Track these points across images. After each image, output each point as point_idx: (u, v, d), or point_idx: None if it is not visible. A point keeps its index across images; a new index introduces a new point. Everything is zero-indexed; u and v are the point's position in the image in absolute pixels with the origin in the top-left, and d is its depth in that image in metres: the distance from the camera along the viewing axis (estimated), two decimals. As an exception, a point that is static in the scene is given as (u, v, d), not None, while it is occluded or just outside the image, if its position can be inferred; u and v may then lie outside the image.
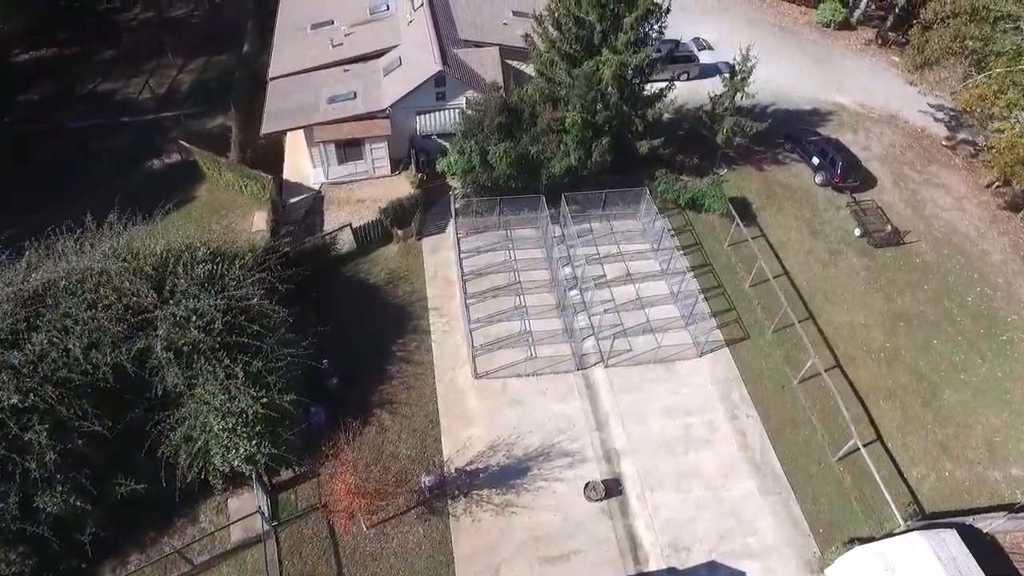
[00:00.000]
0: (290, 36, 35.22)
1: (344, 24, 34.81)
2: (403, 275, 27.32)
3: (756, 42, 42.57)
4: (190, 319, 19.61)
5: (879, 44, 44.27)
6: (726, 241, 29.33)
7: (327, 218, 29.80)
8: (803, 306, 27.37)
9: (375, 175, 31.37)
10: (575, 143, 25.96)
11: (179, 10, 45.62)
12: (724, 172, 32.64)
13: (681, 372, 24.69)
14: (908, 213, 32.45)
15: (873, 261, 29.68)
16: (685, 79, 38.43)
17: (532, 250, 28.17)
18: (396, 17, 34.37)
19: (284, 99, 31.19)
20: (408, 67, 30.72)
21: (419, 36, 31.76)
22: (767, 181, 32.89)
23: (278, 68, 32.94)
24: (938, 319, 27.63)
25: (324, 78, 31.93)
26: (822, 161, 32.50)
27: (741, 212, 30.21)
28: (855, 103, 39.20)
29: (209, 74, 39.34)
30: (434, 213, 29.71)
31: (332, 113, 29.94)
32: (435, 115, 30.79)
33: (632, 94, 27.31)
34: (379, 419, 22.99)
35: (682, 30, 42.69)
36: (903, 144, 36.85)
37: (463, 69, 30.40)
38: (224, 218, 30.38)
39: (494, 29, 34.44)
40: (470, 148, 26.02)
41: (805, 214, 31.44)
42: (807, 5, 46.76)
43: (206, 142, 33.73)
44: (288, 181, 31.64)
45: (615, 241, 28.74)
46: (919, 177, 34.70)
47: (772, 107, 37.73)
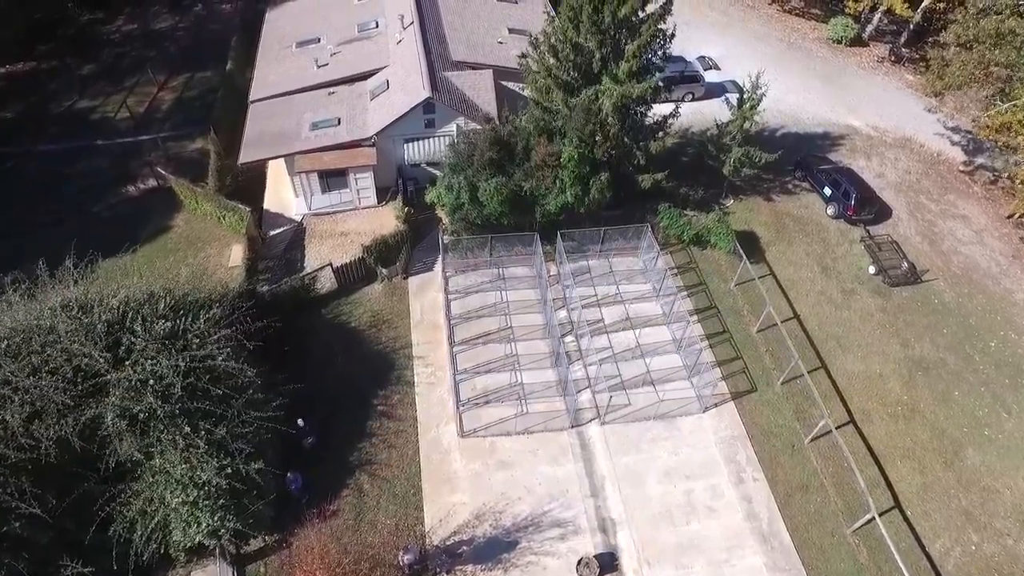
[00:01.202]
0: (274, 54, 33.52)
1: (331, 42, 33.09)
2: (387, 318, 25.58)
3: (764, 59, 41.56)
4: (147, 383, 17.91)
5: (892, 61, 42.41)
6: (732, 280, 27.54)
7: (308, 253, 28.07)
8: (814, 353, 25.59)
9: (360, 206, 29.62)
10: (571, 179, 24.20)
11: (164, 22, 43.85)
12: (730, 203, 30.85)
13: (683, 429, 22.94)
14: (925, 247, 30.62)
15: (888, 302, 27.87)
16: (690, 99, 36.69)
17: (525, 291, 26.42)
18: (385, 35, 32.62)
19: (264, 124, 29.48)
20: (395, 91, 28.97)
21: (408, 57, 30.01)
22: (776, 212, 31.08)
23: (260, 90, 31.26)
24: (959, 367, 25.82)
25: (308, 101, 30.20)
26: (834, 192, 30.68)
27: (749, 247, 28.48)
28: (868, 126, 37.35)
29: (192, 91, 37.57)
30: (422, 248, 27.98)
31: (314, 141, 28.21)
32: (424, 143, 29.04)
33: (634, 124, 25.51)
34: (357, 482, 21.27)
35: (687, 46, 40.94)
36: (919, 170, 35.00)
37: (454, 94, 28.64)
38: (200, 251, 28.67)
39: (489, 48, 32.68)
40: (458, 184, 24.27)
41: (816, 249, 29.63)
42: (817, 20, 44.93)
43: (185, 167, 32.10)
44: (269, 211, 29.91)
45: (614, 281, 26.96)
46: (936, 207, 32.86)
47: (781, 130, 35.96)
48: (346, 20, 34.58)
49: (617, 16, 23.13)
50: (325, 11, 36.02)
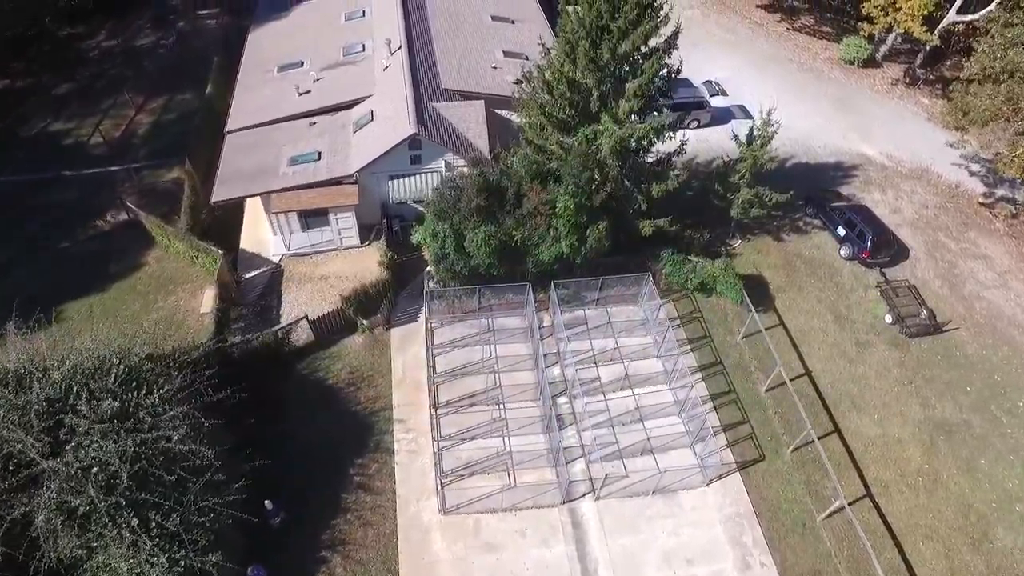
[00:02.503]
0: (254, 79, 31.64)
1: (315, 66, 31.20)
2: (367, 375, 23.74)
3: (773, 81, 39.58)
4: (90, 471, 16.13)
5: (907, 83, 40.40)
6: (739, 332, 25.65)
7: (285, 299, 26.22)
8: (827, 416, 23.70)
9: (342, 246, 27.74)
10: (567, 229, 22.31)
11: (146, 38, 42.00)
12: (738, 243, 28.94)
13: (684, 505, 21.07)
14: (945, 292, 28.67)
15: (907, 355, 25.96)
16: (695, 127, 34.76)
17: (517, 344, 24.55)
18: (372, 60, 30.74)
19: (241, 158, 27.62)
20: (380, 124, 27.09)
21: (394, 86, 28.12)
22: (786, 254, 29.14)
23: (237, 119, 29.38)
24: (985, 430, 23.91)
25: (287, 133, 28.33)
26: (848, 233, 28.73)
27: (757, 294, 26.60)
28: (882, 155, 35.37)
29: (170, 115, 35.70)
30: (407, 295, 26.12)
31: (292, 178, 26.35)
32: (410, 180, 27.17)
33: (635, 165, 23.59)
34: (329, 566, 19.46)
35: (693, 67, 38.93)
36: (936, 204, 33.03)
37: (442, 128, 26.75)
38: (171, 294, 26.85)
39: (482, 74, 30.78)
40: (443, 232, 22.39)
41: (829, 295, 27.70)
42: (828, 39, 42.91)
43: (160, 199, 30.30)
44: (245, 251, 28.05)
45: (612, 333, 25.08)
46: (956, 246, 30.89)
47: (791, 160, 34.02)
48: (332, 42, 32.71)
49: (617, 53, 21.23)
50: (310, 31, 34.15)
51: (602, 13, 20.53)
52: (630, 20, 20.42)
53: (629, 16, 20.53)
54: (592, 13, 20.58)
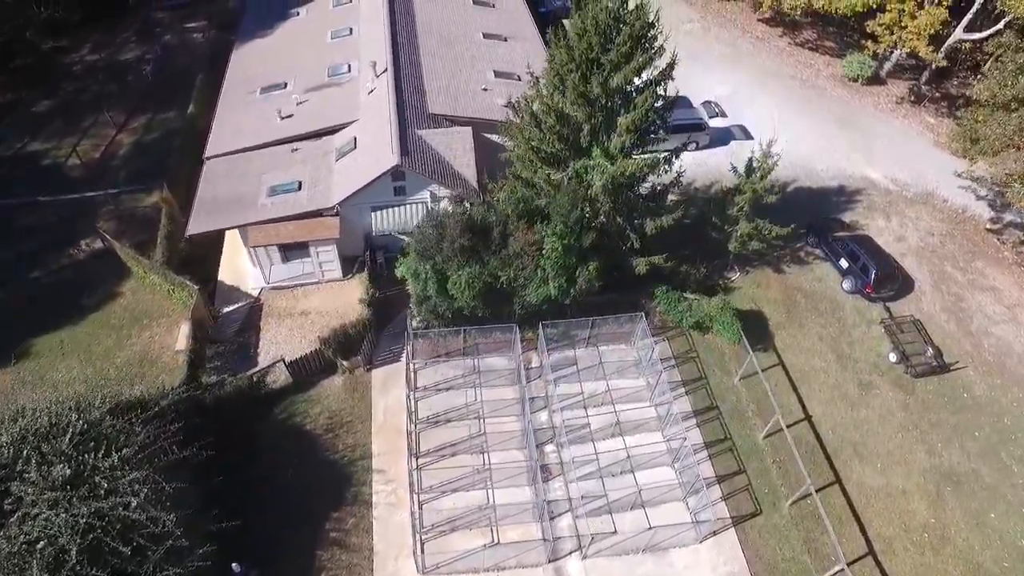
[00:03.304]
0: (236, 101, 30.57)
1: (298, 88, 30.14)
2: (346, 420, 22.68)
3: (775, 99, 38.41)
4: (35, 546, 15.10)
5: (912, 101, 39.21)
6: (737, 373, 24.55)
7: (263, 336, 25.16)
8: (827, 464, 22.60)
9: (324, 279, 26.68)
10: (555, 270, 21.24)
11: (131, 52, 40.90)
12: (736, 276, 27.82)
13: (676, 564, 19.97)
14: (952, 327, 27.54)
15: (912, 397, 24.85)
16: (693, 148, 33.61)
17: (503, 387, 23.47)
18: (357, 82, 29.66)
19: (219, 186, 26.58)
20: (363, 153, 26.02)
21: (379, 112, 27.03)
22: (786, 287, 28.02)
23: (217, 144, 28.34)
24: (995, 480, 22.80)
25: (268, 160, 27.28)
26: (851, 266, 27.60)
27: (756, 332, 25.53)
28: (887, 178, 34.22)
29: (153, 134, 34.61)
30: (390, 332, 25.05)
31: (271, 209, 25.28)
32: (393, 211, 26.10)
33: (628, 201, 22.47)
34: (300, 632, 18.50)
35: (692, 83, 37.89)
36: (943, 232, 31.87)
37: (427, 158, 25.66)
38: (146, 328, 25.80)
39: (471, 96, 29.67)
40: (425, 273, 21.31)
41: (831, 332, 26.58)
42: (831, 54, 41.72)
43: (139, 225, 29.29)
44: (223, 283, 26.99)
45: (603, 375, 24.00)
46: (963, 277, 29.75)
47: (793, 184, 32.88)
48: (317, 61, 31.64)
49: (608, 87, 20.11)
50: (295, 49, 33.08)
51: (592, 46, 19.42)
52: (622, 53, 19.30)
53: (621, 49, 19.42)
54: (582, 45, 19.47)
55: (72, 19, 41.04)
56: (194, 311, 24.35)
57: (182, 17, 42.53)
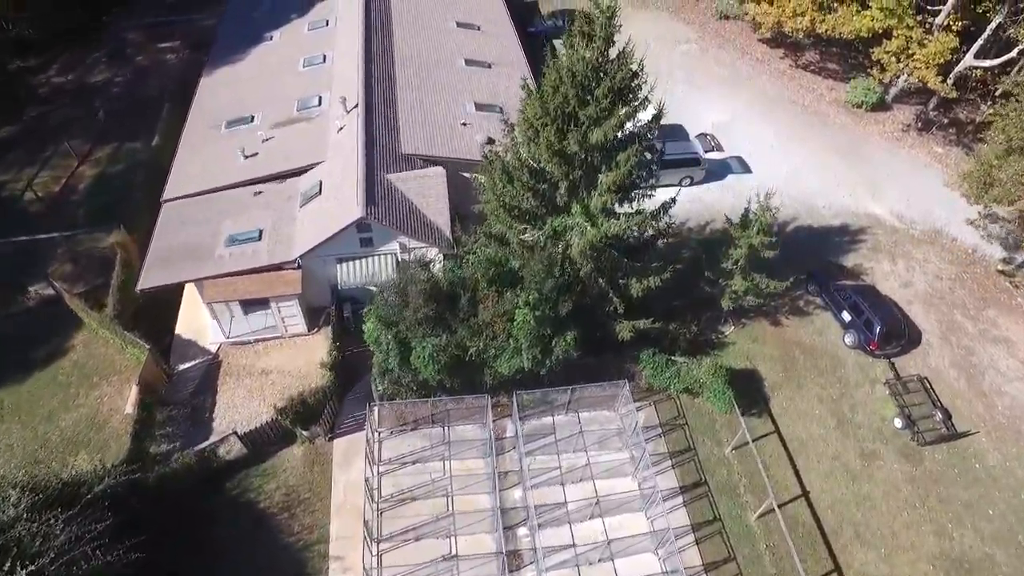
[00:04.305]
0: (200, 136, 28.75)
1: (266, 122, 28.33)
2: (304, 498, 20.90)
3: (775, 126, 36.43)
4: None
5: (919, 129, 37.20)
6: (729, 443, 22.70)
7: (220, 398, 23.36)
8: (826, 549, 20.76)
9: (287, 333, 24.91)
10: (528, 340, 19.42)
11: (100, 74, 39.10)
12: (730, 331, 25.96)
13: (660, 670, 18.25)
14: (961, 385, 25.65)
15: (918, 468, 22.98)
16: (688, 184, 31.75)
17: (474, 459, 21.67)
18: (327, 117, 27.83)
19: (176, 233, 24.79)
20: (328, 199, 24.19)
21: (347, 154, 25.21)
22: (784, 342, 26.14)
23: (176, 185, 26.55)
24: (1013, 568, 20.89)
25: (229, 204, 25.48)
26: (854, 319, 25.70)
27: (750, 394, 23.78)
28: (892, 215, 32.29)
29: (117, 166, 32.77)
30: (356, 395, 23.23)
31: (229, 261, 23.47)
32: (361, 263, 24.21)
33: (611, 260, 20.57)
34: None
35: (689, 111, 36.13)
36: (952, 275, 29.95)
37: (396, 206, 23.80)
38: (96, 387, 24.06)
39: (449, 132, 27.82)
40: (387, 343, 19.51)
41: (831, 393, 24.72)
42: (835, 78, 39.73)
43: (96, 268, 27.44)
44: (180, 337, 25.21)
45: (583, 446, 22.17)
46: (974, 327, 27.83)
47: (793, 224, 30.96)
48: (287, 92, 29.80)
49: (587, 142, 18.24)
50: (266, 78, 31.22)
51: (568, 99, 17.55)
52: (602, 108, 17.42)
53: (601, 103, 17.54)
54: (556, 99, 17.61)
55: (42, 37, 39.39)
56: (144, 372, 22.64)
57: (156, 37, 40.67)
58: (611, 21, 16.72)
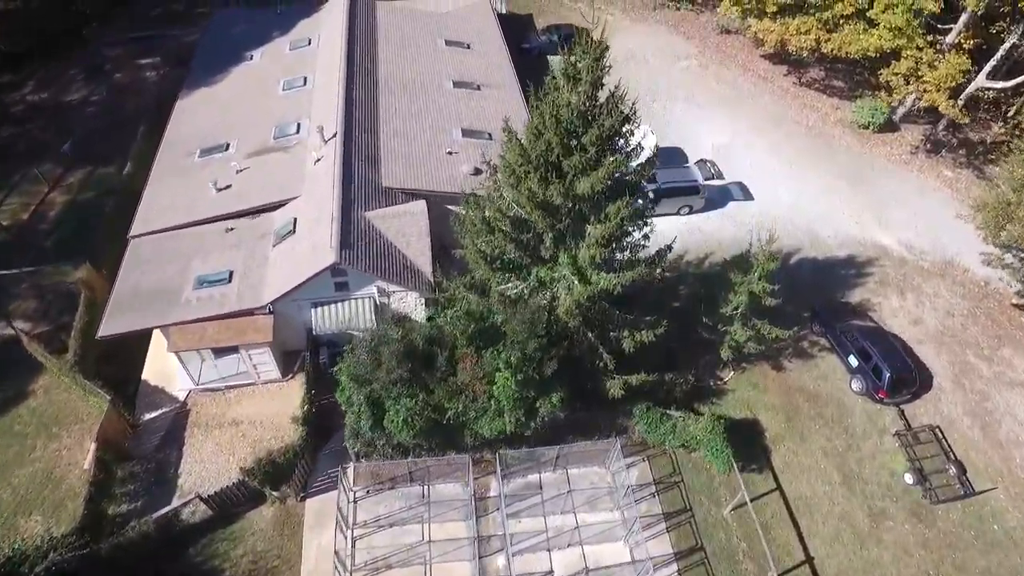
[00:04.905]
0: (172, 165, 27.31)
1: (241, 150, 26.94)
2: (272, 566, 19.47)
3: (778, 149, 34.89)
4: None
5: (927, 151, 35.64)
6: (727, 503, 21.25)
7: (187, 452, 21.95)
8: (834, 622, 19.41)
9: (260, 380, 23.50)
10: (509, 403, 17.99)
11: (77, 92, 37.66)
12: (729, 376, 24.47)
13: None
14: (976, 435, 24.17)
15: (932, 530, 21.51)
16: (687, 213, 30.31)
17: (455, 522, 20.24)
18: (305, 146, 26.39)
19: (142, 274, 23.37)
20: (302, 239, 22.75)
21: (322, 189, 23.79)
22: (787, 388, 24.67)
23: (144, 220, 25.15)
24: (1029, 644, 19.57)
25: (199, 240, 24.09)
26: (862, 365, 24.22)
27: (751, 446, 22.33)
28: (901, 244, 30.79)
29: (89, 193, 31.34)
30: (331, 451, 21.77)
31: (196, 306, 22.04)
32: (337, 307, 22.78)
33: (602, 312, 19.10)
34: None
35: (688, 132, 34.75)
36: (964, 310, 28.45)
37: (374, 248, 22.33)
38: (55, 438, 22.66)
39: (434, 163, 26.40)
40: (359, 404, 18.09)
41: (837, 445, 23.25)
42: (840, 96, 38.20)
43: (62, 305, 26.01)
44: (147, 384, 23.78)
45: (571, 506, 20.73)
46: (988, 369, 26.33)
47: (796, 255, 29.48)
48: (264, 117, 28.38)
49: (573, 192, 16.77)
50: (243, 102, 29.77)
51: (552, 147, 16.09)
52: (589, 158, 15.94)
53: (588, 152, 16.07)
54: (539, 147, 16.15)
55: (17, 52, 38.02)
56: (104, 425, 21.24)
57: (136, 53, 39.22)
58: (599, 64, 15.25)
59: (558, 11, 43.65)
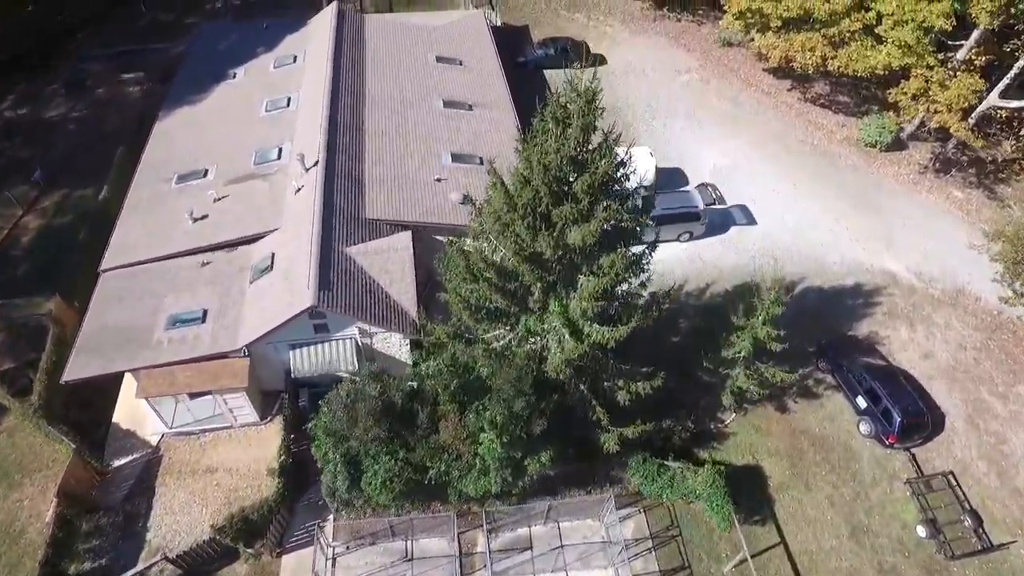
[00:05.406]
0: (147, 192, 26.14)
1: (219, 178, 25.81)
2: (242, 633, 18.41)
3: (782, 170, 33.52)
4: None
5: (936, 170, 34.30)
6: (728, 561, 20.01)
7: (157, 503, 20.77)
8: None
9: (237, 423, 22.32)
10: (495, 463, 16.78)
11: (57, 107, 36.45)
12: (731, 419, 23.24)
13: None
14: (992, 482, 22.92)
15: (946, 588, 20.37)
16: (687, 239, 29.08)
17: (440, 583, 19.12)
18: (286, 172, 25.21)
19: (111, 312, 22.20)
20: (279, 276, 21.54)
21: (302, 223, 22.59)
22: (791, 430, 23.44)
23: (116, 252, 24.03)
24: None
25: (172, 276, 22.93)
26: (870, 407, 22.99)
27: (753, 494, 21.14)
28: (910, 271, 29.51)
29: (65, 217, 30.16)
30: (309, 502, 20.51)
31: (167, 348, 20.83)
32: (317, 349, 21.57)
33: (596, 360, 17.86)
34: None
35: (688, 152, 33.55)
36: (976, 343, 27.17)
37: (355, 288, 21.11)
38: (17, 486, 21.54)
39: (422, 190, 25.21)
40: (335, 463, 16.89)
41: (844, 494, 22.03)
42: (846, 112, 36.92)
43: (32, 339, 24.72)
44: (118, 427, 22.60)
45: (563, 563, 19.52)
46: (1003, 408, 25.07)
47: (801, 284, 28.22)
48: (245, 141, 27.22)
49: (563, 242, 15.53)
50: (225, 123, 28.60)
51: (541, 197, 14.85)
52: (580, 211, 14.69)
53: (580, 201, 14.80)
54: (526, 195, 14.91)
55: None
56: (68, 476, 20.06)
57: (119, 67, 37.96)
58: (591, 106, 14.01)
59: (555, 22, 42.37)
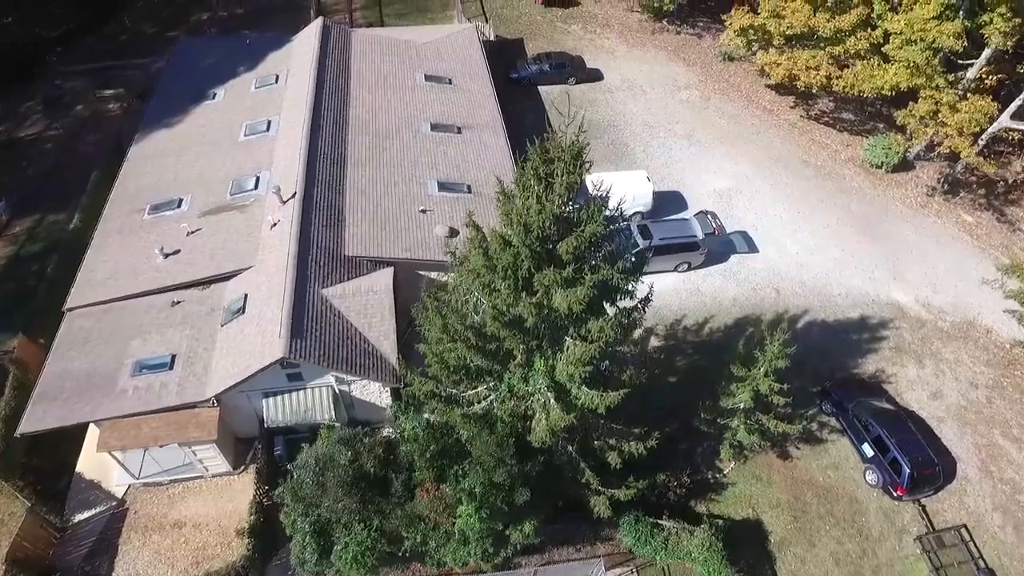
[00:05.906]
0: (119, 223, 24.91)
1: (194, 209, 24.53)
2: None
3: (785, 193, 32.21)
4: None
5: (944, 192, 33.03)
6: (727, 628, 18.90)
7: (120, 563, 19.55)
8: None
9: (208, 474, 21.11)
10: (475, 535, 15.58)
11: (33, 126, 35.15)
12: (730, 468, 22.00)
13: None
14: (1009, 536, 21.66)
15: (958, 657, 19.18)
16: (685, 270, 27.85)
17: (418, 656, 17.93)
18: (263, 204, 23.98)
19: (75, 354, 20.97)
20: (251, 321, 20.28)
21: (276, 261, 21.36)
22: (794, 480, 22.22)
23: (83, 290, 22.78)
24: None
25: (141, 316, 21.69)
26: (877, 456, 21.75)
27: (753, 553, 19.89)
28: (918, 302, 28.25)
29: (36, 245, 28.93)
30: (282, 562, 19.32)
31: (132, 397, 19.59)
32: (291, 397, 20.33)
33: (585, 420, 16.63)
34: None
35: (688, 174, 32.30)
36: (988, 381, 25.92)
37: (331, 333, 19.84)
38: (-25, 537, 20.37)
39: (405, 223, 23.99)
40: (303, 533, 15.68)
41: (851, 551, 20.81)
42: (850, 131, 35.65)
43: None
44: (82, 477, 21.38)
45: (552, 632, 18.44)
46: (1019, 454, 23.78)
47: (804, 317, 27.00)
48: (222, 169, 26.01)
49: (547, 305, 14.24)
50: (203, 149, 27.30)
51: (522, 260, 13.58)
52: (565, 277, 13.42)
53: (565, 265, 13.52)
54: (506, 258, 13.65)
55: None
56: (20, 536, 18.83)
57: (98, 84, 36.66)
58: (577, 162, 12.75)
59: (551, 35, 41.05)
